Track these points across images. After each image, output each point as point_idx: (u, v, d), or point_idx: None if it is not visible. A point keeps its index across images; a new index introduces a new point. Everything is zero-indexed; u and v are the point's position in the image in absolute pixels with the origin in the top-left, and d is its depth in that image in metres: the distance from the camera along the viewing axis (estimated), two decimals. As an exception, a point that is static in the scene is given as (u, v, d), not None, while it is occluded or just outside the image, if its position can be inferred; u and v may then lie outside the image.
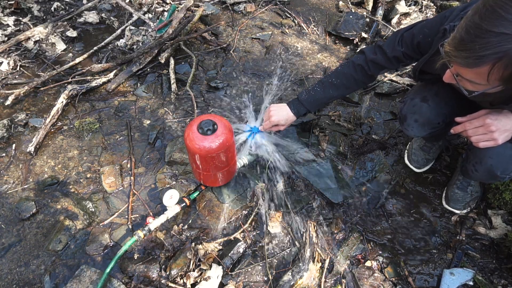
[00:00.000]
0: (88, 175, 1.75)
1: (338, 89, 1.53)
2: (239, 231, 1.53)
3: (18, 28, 2.57)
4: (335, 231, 1.59)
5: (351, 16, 2.67)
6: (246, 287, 1.40)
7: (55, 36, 2.48)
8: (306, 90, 1.60)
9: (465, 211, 1.64)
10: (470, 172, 1.34)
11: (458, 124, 1.12)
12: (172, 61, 2.25)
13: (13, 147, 1.85)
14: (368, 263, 1.48)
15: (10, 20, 2.60)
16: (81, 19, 2.69)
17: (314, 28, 2.72)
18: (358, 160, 1.82)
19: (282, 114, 1.60)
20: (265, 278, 1.43)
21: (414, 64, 1.38)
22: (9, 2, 2.72)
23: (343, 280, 1.43)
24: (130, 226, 1.56)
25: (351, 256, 1.50)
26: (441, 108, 1.38)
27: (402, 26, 2.48)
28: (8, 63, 2.28)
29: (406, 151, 1.87)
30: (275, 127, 1.64)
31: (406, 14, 2.79)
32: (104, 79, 2.17)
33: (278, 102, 2.10)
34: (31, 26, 2.55)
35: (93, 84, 2.14)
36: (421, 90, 1.44)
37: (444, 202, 1.69)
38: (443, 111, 1.38)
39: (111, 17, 2.73)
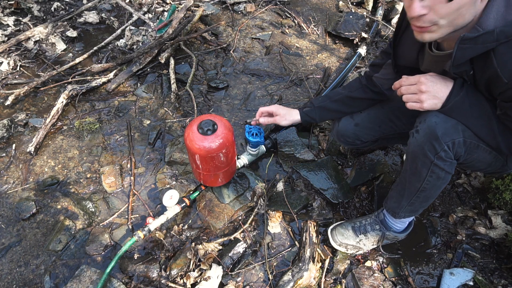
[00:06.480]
0: (88, 175, 1.75)
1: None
2: (239, 231, 1.53)
3: (18, 28, 2.57)
4: (335, 231, 1.59)
5: (351, 16, 2.67)
6: (246, 287, 1.40)
7: (55, 36, 2.48)
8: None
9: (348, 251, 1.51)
10: (411, 137, 1.16)
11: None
12: (172, 61, 2.25)
13: (13, 147, 1.85)
14: (368, 263, 1.48)
15: (10, 20, 2.60)
16: (81, 19, 2.69)
17: (314, 28, 2.72)
18: (358, 160, 1.82)
19: (285, 108, 1.64)
20: (265, 278, 1.43)
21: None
22: (9, 2, 2.72)
23: (343, 280, 1.43)
24: (130, 226, 1.56)
25: (351, 256, 1.50)
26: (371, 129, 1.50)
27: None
28: (8, 63, 2.28)
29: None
30: (271, 118, 1.64)
31: (406, 14, 2.79)
32: (104, 79, 2.17)
33: (277, 103, 2.11)
34: (31, 26, 2.55)
35: (93, 84, 2.14)
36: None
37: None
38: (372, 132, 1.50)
39: (111, 17, 2.73)
